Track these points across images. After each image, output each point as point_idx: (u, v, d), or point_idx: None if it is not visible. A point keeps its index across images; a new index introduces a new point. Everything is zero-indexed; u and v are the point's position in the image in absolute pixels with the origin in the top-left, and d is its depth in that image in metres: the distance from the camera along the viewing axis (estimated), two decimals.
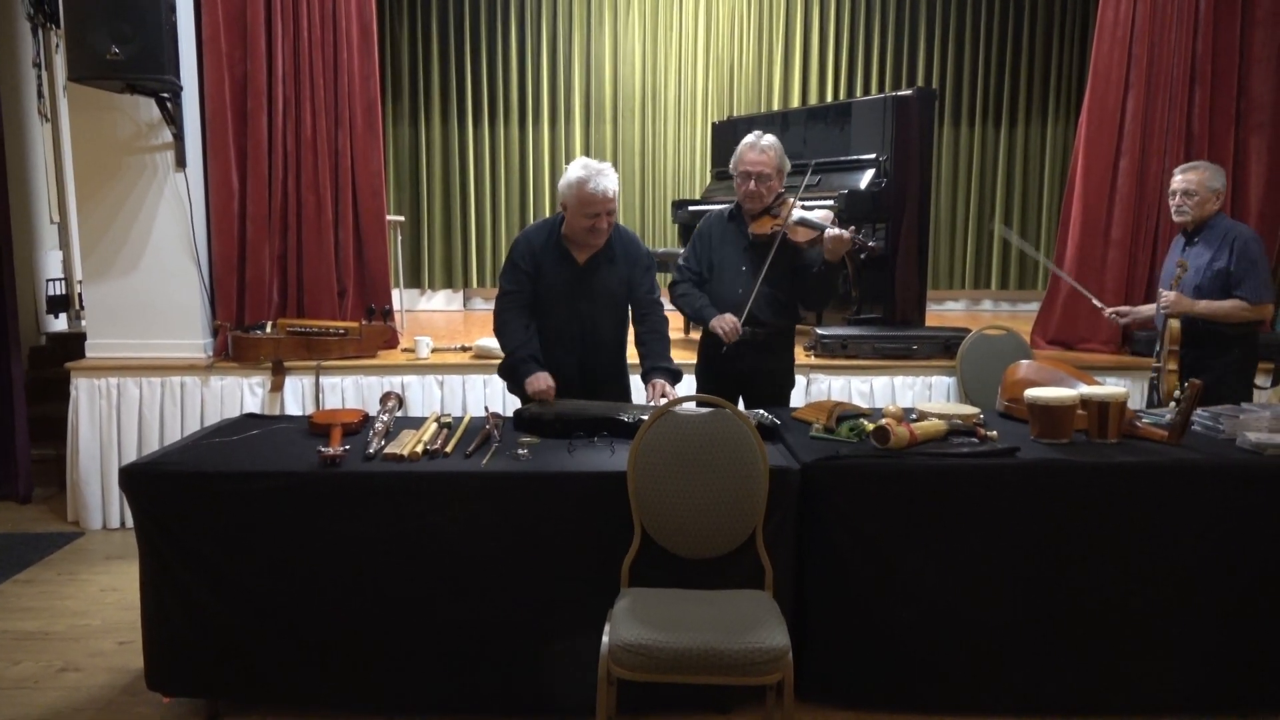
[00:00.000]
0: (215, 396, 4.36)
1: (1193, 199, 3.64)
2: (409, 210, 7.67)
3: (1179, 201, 3.69)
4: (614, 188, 3.05)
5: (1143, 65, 4.84)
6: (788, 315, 3.47)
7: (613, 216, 3.11)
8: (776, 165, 3.36)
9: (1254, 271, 3.56)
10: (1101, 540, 2.55)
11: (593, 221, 3.06)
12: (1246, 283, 3.55)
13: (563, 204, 3.13)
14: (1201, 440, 2.80)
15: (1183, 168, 3.76)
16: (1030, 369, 3.17)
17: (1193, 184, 3.65)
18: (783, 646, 2.13)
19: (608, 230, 3.12)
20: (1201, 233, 3.69)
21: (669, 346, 3.30)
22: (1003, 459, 2.58)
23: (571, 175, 3.06)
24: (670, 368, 3.23)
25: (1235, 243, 3.59)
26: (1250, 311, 3.57)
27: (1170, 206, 3.76)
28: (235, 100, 4.54)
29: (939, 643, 2.59)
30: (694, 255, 3.49)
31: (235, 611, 2.52)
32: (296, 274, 4.75)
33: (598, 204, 3.02)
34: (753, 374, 3.44)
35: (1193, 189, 3.64)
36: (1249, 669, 2.62)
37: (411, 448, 2.60)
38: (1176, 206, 3.70)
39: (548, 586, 2.52)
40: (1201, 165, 3.71)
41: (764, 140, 3.36)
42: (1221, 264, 3.58)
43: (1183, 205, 3.67)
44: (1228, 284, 3.58)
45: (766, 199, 3.38)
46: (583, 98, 7.80)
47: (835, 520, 2.55)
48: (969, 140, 8.01)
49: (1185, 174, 3.70)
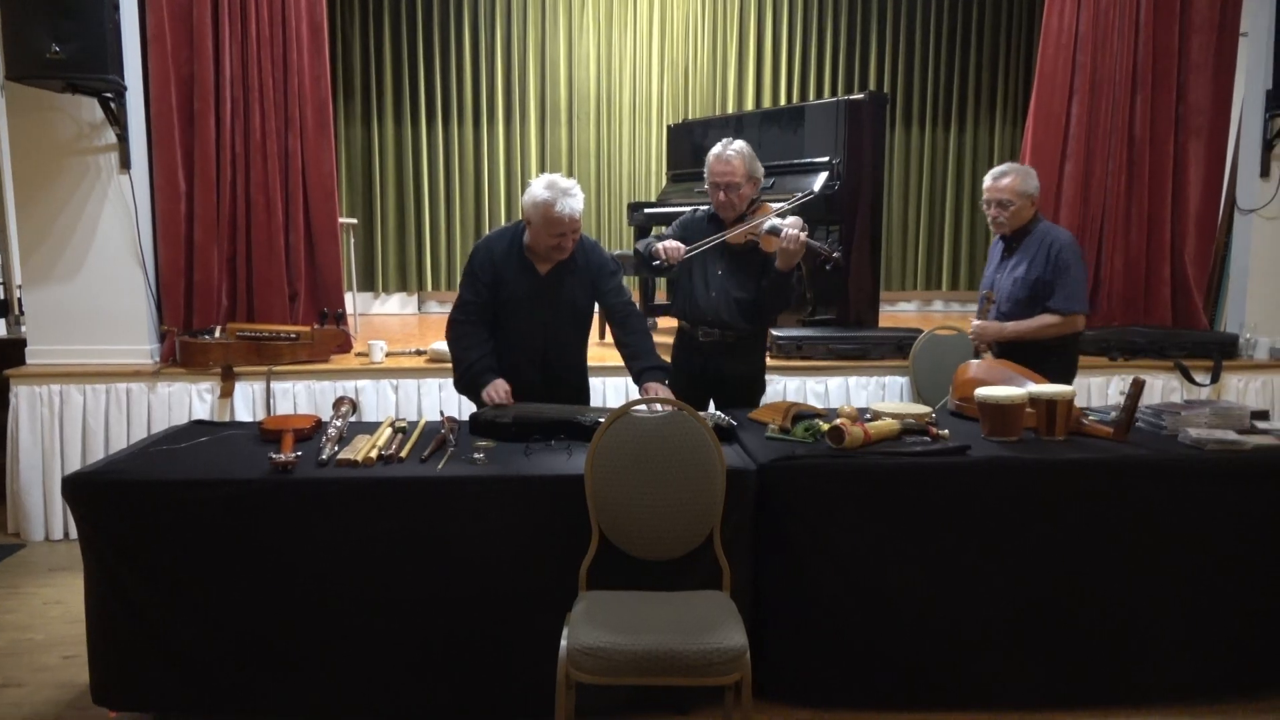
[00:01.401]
0: (162, 403, 4.27)
1: (1008, 210, 3.48)
2: (362, 212, 7.58)
3: (994, 213, 3.53)
4: (580, 208, 3.01)
5: (1087, 71, 4.96)
6: (758, 320, 3.45)
7: (577, 234, 3.09)
8: (746, 172, 3.29)
9: (1065, 280, 3.41)
10: (1051, 535, 2.60)
11: (558, 240, 3.04)
12: (1057, 292, 3.41)
13: (527, 218, 3.08)
14: (1146, 436, 2.87)
15: (994, 174, 3.55)
16: (980, 368, 3.22)
17: (1006, 193, 3.47)
18: (740, 646, 2.14)
19: (572, 248, 3.11)
20: (1021, 240, 3.54)
21: (652, 344, 3.27)
22: (954, 457, 2.62)
23: (538, 195, 2.99)
24: (663, 366, 3.22)
25: (1051, 250, 3.44)
26: (1059, 325, 3.42)
27: (986, 217, 3.59)
28: (181, 101, 4.46)
29: (895, 639, 2.62)
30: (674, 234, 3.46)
31: (184, 623, 2.47)
32: (246, 277, 4.68)
33: (563, 226, 3.00)
34: (725, 377, 3.44)
35: (1007, 199, 3.47)
36: (1200, 657, 2.69)
37: (366, 453, 2.57)
38: (992, 218, 3.55)
39: (505, 591, 2.51)
40: (1013, 170, 3.51)
41: (730, 148, 3.29)
42: (1038, 274, 3.44)
43: (998, 217, 3.52)
44: (1043, 295, 3.45)
45: (739, 207, 3.33)
46: (538, 99, 7.78)
47: (792, 520, 2.57)
48: (919, 143, 8.14)
49: (997, 181, 3.51)
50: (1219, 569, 2.65)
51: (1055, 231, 3.54)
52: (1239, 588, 2.67)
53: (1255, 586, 2.67)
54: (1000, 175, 3.52)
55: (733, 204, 3.32)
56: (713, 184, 3.34)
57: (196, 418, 3.97)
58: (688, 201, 3.55)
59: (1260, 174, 4.84)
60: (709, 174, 3.35)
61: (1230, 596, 2.67)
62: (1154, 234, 5.07)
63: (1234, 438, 2.73)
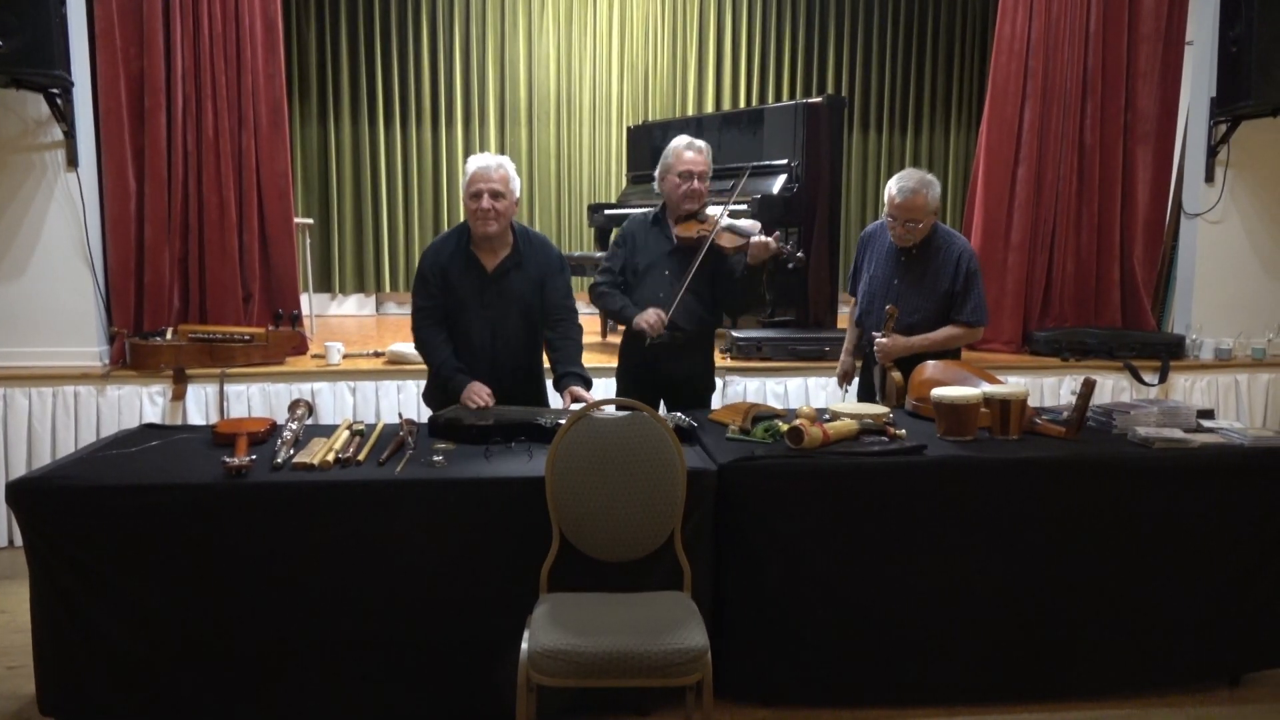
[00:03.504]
0: (112, 407, 4.17)
1: (918, 227, 3.31)
2: (318, 213, 7.48)
3: (902, 232, 3.32)
4: (495, 165, 3.07)
5: (1039, 78, 5.05)
6: (707, 320, 3.47)
7: (499, 202, 3.06)
8: (708, 166, 3.40)
9: (974, 291, 3.35)
10: (1006, 532, 2.65)
11: (476, 204, 3.05)
12: (967, 304, 3.35)
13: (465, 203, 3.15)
14: (1096, 435, 2.93)
15: (901, 190, 3.28)
16: (937, 369, 3.26)
17: (916, 211, 3.27)
18: (701, 647, 2.15)
19: (494, 214, 3.07)
20: (922, 249, 3.39)
21: (581, 353, 3.28)
22: (911, 456, 2.65)
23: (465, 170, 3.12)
24: (583, 374, 3.21)
25: (960, 261, 3.35)
26: (964, 337, 3.39)
27: (891, 230, 3.38)
28: (131, 97, 4.37)
29: (855, 638, 2.65)
30: (616, 258, 3.48)
31: (134, 632, 2.42)
32: (199, 278, 4.60)
33: (478, 181, 3.05)
34: (674, 378, 3.44)
35: (916, 218, 3.29)
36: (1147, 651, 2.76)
37: (322, 456, 2.54)
38: (899, 236, 3.35)
39: (465, 594, 2.49)
40: (920, 185, 3.27)
41: (698, 142, 3.40)
42: (947, 286, 3.36)
43: (906, 235, 3.33)
44: (949, 306, 3.37)
45: (704, 198, 3.42)
46: (497, 100, 7.74)
47: (751, 520, 2.59)
48: (876, 147, 8.24)
49: (908, 200, 3.27)
50: (1168, 564, 2.72)
51: (955, 239, 3.42)
52: (1187, 582, 2.74)
53: (1203, 580, 2.75)
54: (909, 193, 3.27)
55: (701, 193, 3.38)
56: (684, 173, 3.36)
57: (147, 421, 3.88)
58: (648, 203, 3.56)
59: (1205, 179, 4.97)
60: (678, 163, 3.37)
61: (1179, 591, 2.74)
62: (1104, 237, 5.18)
63: (1181, 436, 2.80)
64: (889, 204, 3.35)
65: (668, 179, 3.41)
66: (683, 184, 3.36)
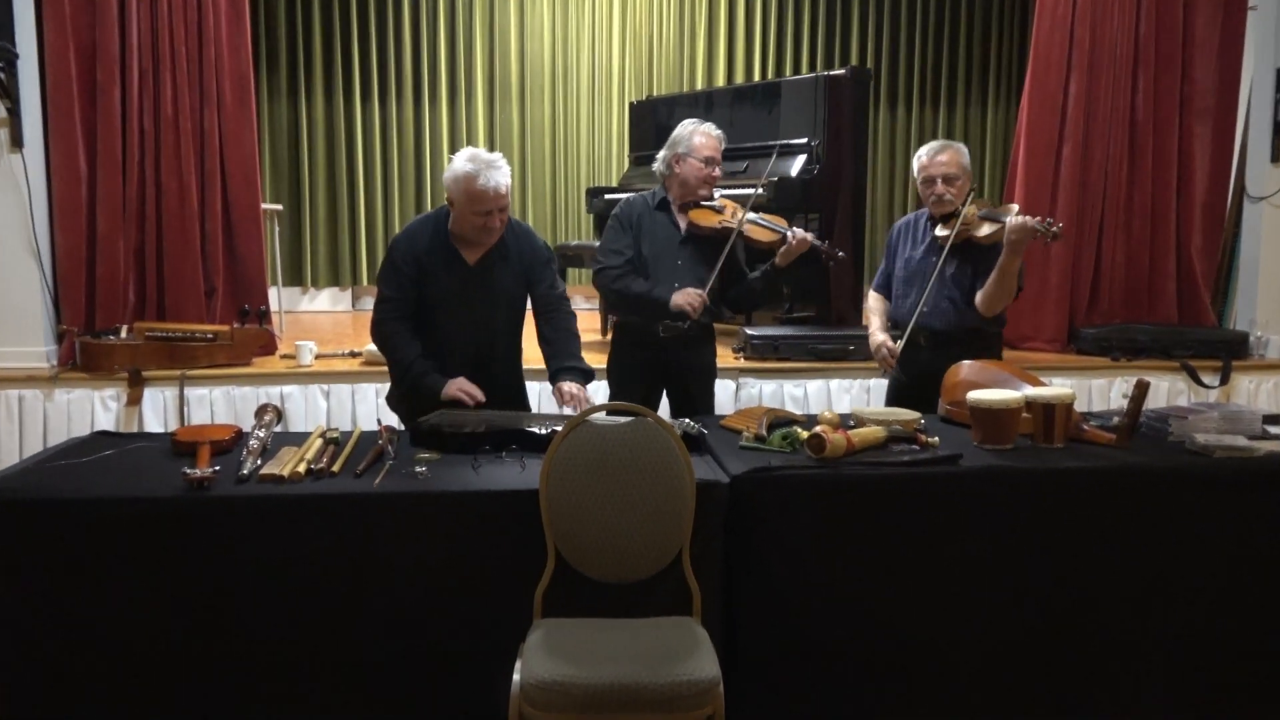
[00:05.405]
0: (61, 412, 4.20)
1: (955, 184, 3.38)
2: (288, 199, 7.50)
3: (940, 190, 3.37)
4: (506, 182, 3.04)
5: (1085, 47, 5.05)
6: (714, 312, 3.54)
7: (505, 214, 3.11)
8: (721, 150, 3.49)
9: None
10: (1050, 550, 2.64)
11: (484, 220, 3.05)
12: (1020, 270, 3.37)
13: (450, 199, 3.10)
14: (1149, 443, 2.93)
15: (933, 150, 3.44)
16: (973, 370, 3.25)
17: (950, 165, 3.36)
18: (713, 677, 2.15)
19: (500, 228, 3.12)
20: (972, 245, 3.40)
21: (579, 344, 3.29)
22: (944, 467, 2.65)
23: (458, 168, 3.03)
24: (581, 367, 3.22)
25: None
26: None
27: (927, 198, 3.45)
28: (82, 71, 4.39)
29: (882, 666, 2.64)
30: (622, 240, 3.49)
31: (84, 656, 2.42)
32: (157, 271, 4.63)
33: (488, 201, 3.01)
34: (681, 370, 3.50)
35: (954, 173, 3.37)
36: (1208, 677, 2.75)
37: (293, 467, 2.54)
38: (938, 196, 3.39)
39: (451, 619, 2.49)
40: (951, 144, 3.44)
41: (706, 124, 3.46)
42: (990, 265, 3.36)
43: (945, 194, 3.38)
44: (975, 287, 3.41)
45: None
46: (485, 74, 7.75)
47: (767, 537, 2.58)
48: (905, 124, 8.25)
49: (939, 156, 3.40)
50: (1228, 584, 2.71)
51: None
52: (1250, 603, 2.73)
53: (1267, 602, 2.74)
54: (942, 149, 3.42)
55: (717, 181, 3.48)
56: (707, 159, 3.44)
57: (100, 428, 3.90)
58: (652, 186, 3.56)
59: (1271, 159, 4.97)
60: (702, 148, 3.44)
61: (1240, 614, 2.73)
62: (1157, 224, 5.18)
63: (1244, 443, 2.79)
64: (919, 169, 3.45)
65: (688, 162, 3.45)
66: (706, 169, 3.44)
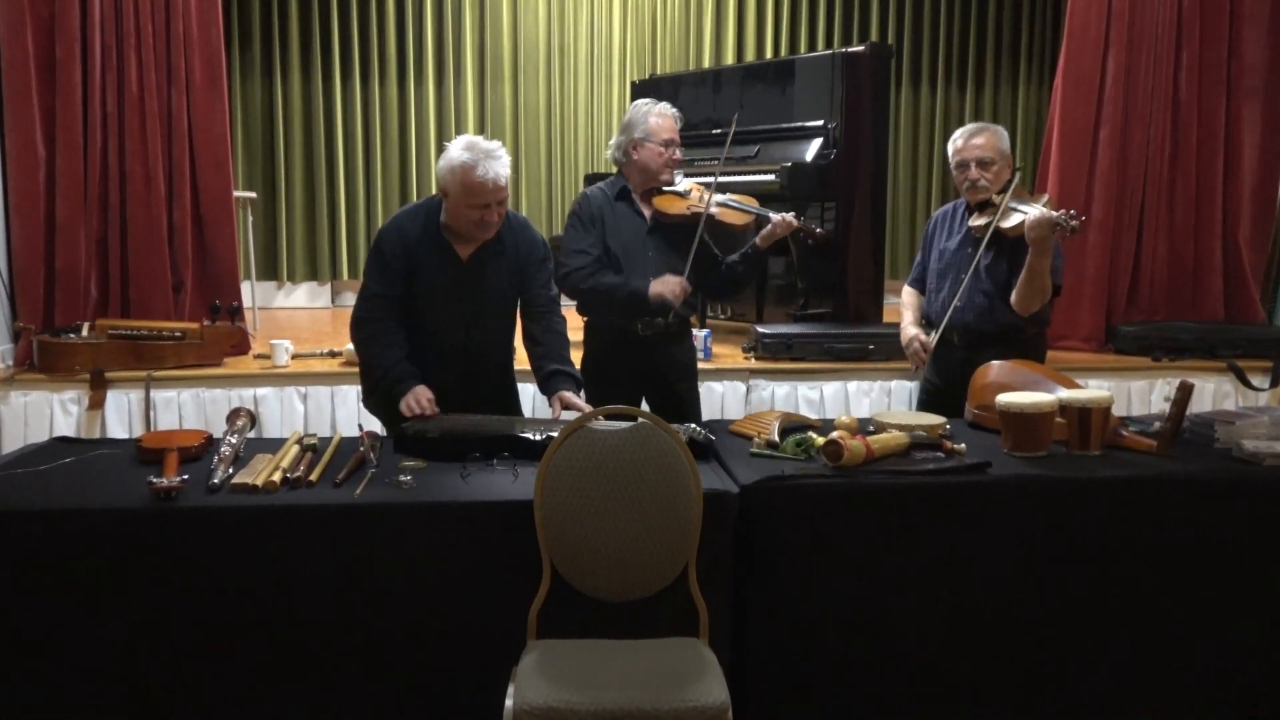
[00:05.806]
0: (16, 416, 4.21)
1: (992, 169, 3.48)
2: (263, 186, 7.50)
3: (975, 175, 3.49)
4: (506, 174, 3.04)
5: (1124, 22, 5.04)
6: (692, 304, 3.66)
7: (504, 207, 3.12)
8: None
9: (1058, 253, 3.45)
10: (1085, 564, 2.64)
11: (481, 214, 3.06)
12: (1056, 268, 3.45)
13: (443, 190, 3.11)
14: (1193, 449, 2.93)
15: (969, 132, 3.56)
16: (1002, 371, 3.25)
17: (987, 149, 3.48)
18: (721, 703, 2.15)
19: (498, 223, 3.13)
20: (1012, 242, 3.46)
21: (569, 347, 3.33)
22: (971, 476, 2.65)
23: (454, 158, 3.03)
24: (572, 373, 3.26)
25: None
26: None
27: (960, 183, 3.56)
28: (40, 48, 4.40)
29: (904, 693, 2.64)
30: (588, 237, 3.52)
31: (41, 677, 2.43)
32: (121, 263, 4.64)
33: (486, 194, 3.02)
34: (663, 369, 3.58)
35: (990, 157, 3.48)
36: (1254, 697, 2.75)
37: (267, 476, 2.55)
38: (972, 181, 3.50)
39: (438, 640, 2.49)
40: (988, 126, 3.58)
41: (661, 104, 3.56)
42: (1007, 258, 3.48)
43: (981, 179, 3.49)
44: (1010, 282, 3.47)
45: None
46: (476, 51, 7.75)
47: (780, 551, 2.58)
48: (930, 105, 8.23)
49: (974, 139, 3.51)
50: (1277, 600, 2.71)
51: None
52: None
53: None
54: (978, 132, 3.54)
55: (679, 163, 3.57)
56: (665, 141, 3.51)
57: (59, 434, 3.91)
58: None
59: None
60: (660, 131, 3.51)
61: None
62: (1202, 213, 5.17)
63: None
64: (953, 152, 3.55)
65: (645, 147, 3.51)
66: (666, 152, 3.50)
